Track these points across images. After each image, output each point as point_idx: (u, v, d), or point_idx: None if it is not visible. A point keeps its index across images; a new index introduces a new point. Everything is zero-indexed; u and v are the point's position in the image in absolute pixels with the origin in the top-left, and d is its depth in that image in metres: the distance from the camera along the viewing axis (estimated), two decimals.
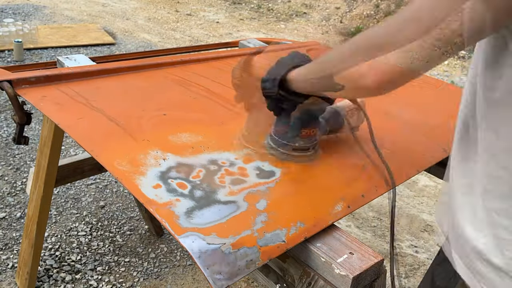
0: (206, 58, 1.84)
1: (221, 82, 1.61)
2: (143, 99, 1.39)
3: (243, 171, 1.07)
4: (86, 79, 1.48)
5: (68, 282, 2.10)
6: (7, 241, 2.28)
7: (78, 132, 1.15)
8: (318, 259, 0.91)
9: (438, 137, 1.43)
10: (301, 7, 7.87)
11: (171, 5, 7.49)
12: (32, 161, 2.96)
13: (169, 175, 1.00)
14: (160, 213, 0.88)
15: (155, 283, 2.16)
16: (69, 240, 2.35)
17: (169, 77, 1.60)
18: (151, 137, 1.16)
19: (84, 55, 1.68)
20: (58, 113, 1.23)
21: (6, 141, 3.14)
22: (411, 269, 2.45)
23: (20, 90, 1.34)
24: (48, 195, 1.77)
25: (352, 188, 1.09)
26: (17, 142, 1.48)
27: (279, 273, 1.06)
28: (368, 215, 2.85)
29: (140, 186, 0.96)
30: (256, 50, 1.26)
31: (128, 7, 7.06)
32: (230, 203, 0.95)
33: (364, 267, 0.88)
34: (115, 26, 6.02)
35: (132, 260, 2.28)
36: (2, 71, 1.42)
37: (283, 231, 0.89)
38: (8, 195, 2.61)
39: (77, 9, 6.58)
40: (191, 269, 2.27)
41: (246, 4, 7.97)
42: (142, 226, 2.51)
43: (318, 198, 1.03)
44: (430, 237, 2.73)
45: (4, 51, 4.65)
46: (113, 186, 2.82)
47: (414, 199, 3.10)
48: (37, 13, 6.15)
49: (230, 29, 6.61)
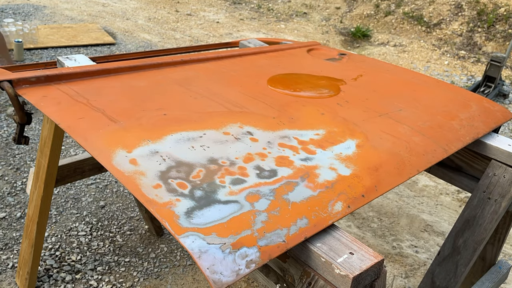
0: (206, 58, 1.84)
1: (221, 82, 1.61)
2: (143, 99, 1.39)
3: (243, 171, 1.07)
4: (86, 79, 1.48)
5: (68, 282, 2.10)
6: (7, 241, 2.28)
7: (79, 132, 1.15)
8: (318, 259, 0.91)
9: (438, 137, 1.43)
10: (301, 7, 7.87)
11: (171, 5, 7.48)
12: (32, 161, 2.95)
13: (169, 175, 1.00)
14: (160, 213, 0.88)
15: (155, 283, 2.16)
16: (69, 240, 2.35)
17: (169, 77, 1.60)
18: (151, 137, 1.16)
19: (84, 55, 1.68)
20: (58, 113, 1.23)
21: (6, 141, 3.14)
22: (411, 269, 2.45)
23: (20, 90, 1.34)
24: (48, 195, 1.77)
25: (352, 188, 1.09)
26: (18, 142, 1.48)
27: (279, 273, 1.06)
28: (368, 215, 2.85)
29: (140, 186, 0.96)
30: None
31: (128, 7, 7.06)
32: (230, 203, 0.95)
33: (364, 267, 0.88)
34: (115, 26, 6.01)
35: (132, 260, 2.28)
36: (3, 71, 1.42)
37: (283, 231, 0.89)
38: (8, 195, 2.61)
39: (77, 9, 6.58)
40: (191, 269, 2.27)
41: (246, 4, 7.96)
42: (142, 226, 2.51)
43: (318, 198, 1.03)
44: (430, 237, 2.73)
45: None
46: (113, 186, 2.82)
47: (414, 199, 3.10)
48: (37, 13, 6.15)
49: (230, 29, 6.61)
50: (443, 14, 6.83)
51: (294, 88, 1.65)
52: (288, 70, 1.86)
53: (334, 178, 1.11)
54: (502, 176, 1.55)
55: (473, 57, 6.12)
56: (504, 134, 4.22)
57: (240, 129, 1.27)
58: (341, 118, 1.44)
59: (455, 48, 6.34)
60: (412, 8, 7.12)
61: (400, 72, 2.04)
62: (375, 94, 1.70)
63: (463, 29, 6.54)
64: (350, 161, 1.20)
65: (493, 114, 1.72)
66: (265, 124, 1.32)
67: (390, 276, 2.38)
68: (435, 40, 6.56)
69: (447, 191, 3.25)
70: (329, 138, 1.30)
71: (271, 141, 1.23)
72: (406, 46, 6.47)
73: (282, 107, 1.46)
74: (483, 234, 1.55)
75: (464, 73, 5.75)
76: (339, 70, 1.97)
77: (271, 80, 1.70)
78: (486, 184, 1.58)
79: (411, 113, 1.57)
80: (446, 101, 1.76)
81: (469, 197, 1.64)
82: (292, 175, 1.09)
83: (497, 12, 6.47)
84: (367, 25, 7.15)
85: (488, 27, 6.40)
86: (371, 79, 1.88)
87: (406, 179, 1.21)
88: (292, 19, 7.44)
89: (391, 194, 3.11)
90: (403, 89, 1.81)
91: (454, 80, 5.52)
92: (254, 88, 1.60)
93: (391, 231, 2.74)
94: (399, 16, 7.11)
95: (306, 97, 1.57)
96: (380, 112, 1.54)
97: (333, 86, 1.73)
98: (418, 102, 1.69)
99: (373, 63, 2.15)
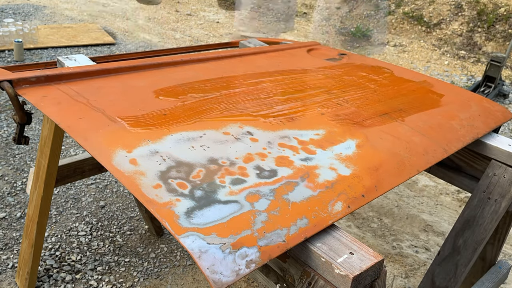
0: (206, 58, 1.84)
1: (221, 82, 1.61)
2: (143, 99, 1.39)
3: (243, 171, 1.07)
4: (86, 79, 1.48)
5: (68, 282, 2.10)
6: (7, 241, 2.28)
7: (79, 132, 1.15)
8: (318, 259, 0.91)
9: (438, 137, 1.43)
10: (301, 7, 7.87)
11: (171, 5, 7.48)
12: (32, 161, 2.96)
13: (169, 175, 1.00)
14: (161, 213, 0.88)
15: (155, 283, 2.16)
16: (69, 240, 2.35)
17: (169, 77, 1.60)
18: (151, 136, 1.16)
19: (84, 55, 1.68)
20: (58, 113, 1.23)
21: (6, 141, 3.14)
22: (411, 269, 2.45)
23: (20, 90, 1.34)
24: (48, 195, 1.77)
25: (352, 188, 1.09)
26: (18, 142, 1.48)
27: (279, 273, 1.06)
28: (368, 215, 2.85)
29: (140, 186, 0.96)
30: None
31: (128, 7, 7.06)
32: (230, 203, 0.95)
33: (364, 267, 0.88)
34: (115, 26, 6.02)
35: (132, 260, 2.28)
36: (3, 71, 1.42)
37: (283, 231, 0.89)
38: (8, 195, 2.61)
39: (77, 9, 6.58)
40: (191, 269, 2.27)
41: (246, 4, 7.96)
42: (142, 226, 2.51)
43: (318, 198, 1.03)
44: (430, 237, 2.73)
45: (4, 51, 4.65)
46: (113, 186, 2.82)
47: (414, 199, 3.10)
48: (37, 13, 6.15)
49: (230, 29, 6.61)
50: (443, 14, 6.83)
51: (295, 88, 1.65)
52: (288, 70, 1.86)
53: (334, 178, 1.11)
54: (502, 176, 1.55)
55: (473, 57, 6.12)
56: (504, 134, 4.22)
57: (240, 129, 1.27)
58: (341, 118, 1.44)
59: (455, 48, 6.34)
60: (412, 8, 7.12)
61: (400, 72, 2.04)
62: (375, 94, 1.70)
63: (463, 29, 6.54)
64: (350, 161, 1.20)
65: (493, 114, 1.72)
66: (265, 124, 1.32)
67: (390, 276, 2.38)
68: (435, 40, 6.56)
69: (447, 191, 3.25)
70: (329, 138, 1.30)
71: (271, 141, 1.23)
72: (406, 46, 6.47)
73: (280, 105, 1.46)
74: (483, 234, 1.55)
75: (464, 73, 5.75)
76: (339, 70, 1.97)
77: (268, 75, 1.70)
78: (486, 184, 1.58)
79: (411, 113, 1.57)
80: (446, 101, 1.76)
81: (469, 197, 1.64)
82: (292, 175, 1.09)
83: (497, 12, 6.47)
84: (367, 25, 7.15)
85: (488, 27, 6.40)
86: (371, 79, 1.88)
87: (406, 179, 1.21)
88: (292, 19, 7.44)
89: (391, 194, 3.11)
90: (403, 89, 1.81)
91: (454, 80, 5.52)
92: (254, 87, 1.60)
93: (391, 231, 2.74)
94: (399, 16, 7.11)
95: (307, 97, 1.57)
96: (380, 112, 1.54)
97: (331, 86, 1.73)
98: (418, 102, 1.69)
99: (373, 63, 2.15)
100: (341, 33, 6.97)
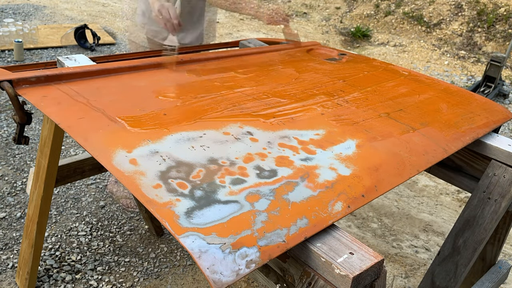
0: (206, 58, 1.84)
1: (221, 82, 1.61)
2: (143, 99, 1.39)
3: (243, 171, 1.07)
4: (86, 79, 1.48)
5: (68, 282, 2.10)
6: (7, 241, 2.29)
7: (79, 132, 1.15)
8: (318, 259, 0.91)
9: (438, 137, 1.43)
10: (301, 7, 7.87)
11: None
12: (32, 161, 2.96)
13: (169, 175, 1.00)
14: (160, 213, 0.88)
15: (155, 283, 2.16)
16: (69, 240, 2.35)
17: (169, 77, 1.60)
18: (151, 136, 1.16)
19: (84, 55, 1.68)
20: (58, 113, 1.23)
21: (6, 141, 3.14)
22: (411, 269, 2.45)
23: (20, 90, 1.34)
24: (48, 195, 1.78)
25: (352, 188, 1.09)
26: (18, 142, 1.49)
27: (279, 273, 1.06)
28: (368, 215, 2.85)
29: (140, 186, 0.96)
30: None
31: (129, 7, 7.06)
32: (230, 203, 0.95)
33: (364, 267, 0.88)
34: (115, 26, 6.02)
35: (132, 260, 2.28)
36: (3, 71, 1.42)
37: (283, 231, 0.89)
38: (8, 195, 2.61)
39: (77, 9, 6.58)
40: (191, 269, 2.27)
41: (246, 4, 7.96)
42: (142, 226, 2.51)
43: (318, 198, 1.03)
44: (430, 237, 2.73)
45: (4, 51, 4.65)
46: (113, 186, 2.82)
47: (414, 199, 3.10)
48: (37, 13, 6.15)
49: (230, 29, 6.61)
50: (443, 14, 6.83)
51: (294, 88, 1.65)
52: (288, 70, 1.86)
53: (334, 178, 1.11)
54: (502, 176, 1.55)
55: (473, 57, 6.13)
56: (504, 134, 4.22)
57: (240, 129, 1.27)
58: (341, 118, 1.44)
59: (455, 48, 6.34)
60: (412, 8, 7.12)
61: (400, 71, 2.04)
62: (375, 94, 1.70)
63: (463, 29, 6.54)
64: (350, 161, 1.20)
65: (493, 114, 1.72)
66: (265, 124, 1.32)
67: (390, 276, 2.38)
68: (435, 40, 6.56)
69: (447, 191, 3.25)
70: (329, 138, 1.30)
71: (271, 141, 1.23)
72: (406, 46, 6.47)
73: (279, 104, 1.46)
74: (483, 234, 1.55)
75: (464, 73, 5.76)
76: (339, 69, 1.97)
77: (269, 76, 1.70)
78: (486, 184, 1.58)
79: (411, 113, 1.57)
80: (446, 101, 1.76)
81: (469, 197, 1.64)
82: (292, 175, 1.09)
83: (497, 12, 6.47)
84: (367, 25, 7.16)
85: (488, 27, 6.40)
86: (371, 79, 1.88)
87: (406, 179, 1.21)
88: (292, 19, 7.44)
89: (391, 194, 3.11)
90: (403, 89, 1.81)
91: (454, 80, 5.52)
92: (255, 88, 1.60)
93: (391, 231, 2.74)
94: (399, 16, 7.11)
95: (307, 97, 1.58)
96: (380, 112, 1.54)
97: (331, 86, 1.73)
98: (418, 102, 1.69)
99: (373, 63, 2.15)
100: (341, 33, 6.97)
